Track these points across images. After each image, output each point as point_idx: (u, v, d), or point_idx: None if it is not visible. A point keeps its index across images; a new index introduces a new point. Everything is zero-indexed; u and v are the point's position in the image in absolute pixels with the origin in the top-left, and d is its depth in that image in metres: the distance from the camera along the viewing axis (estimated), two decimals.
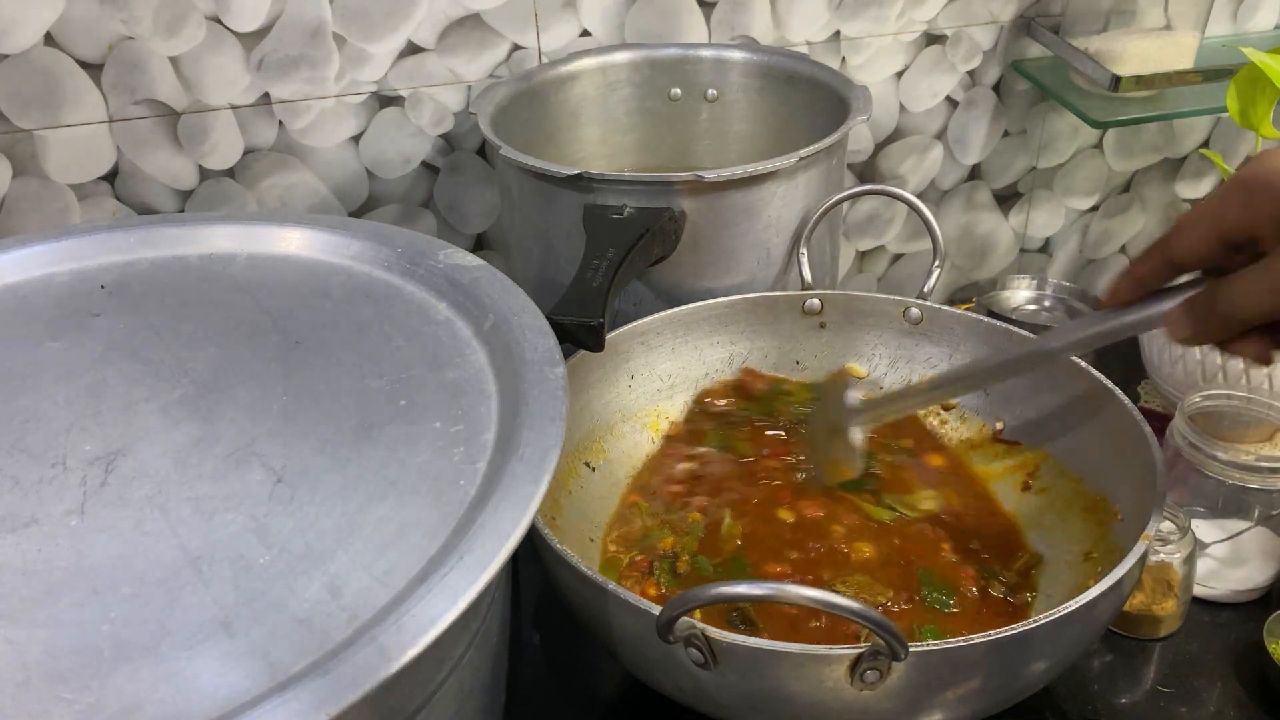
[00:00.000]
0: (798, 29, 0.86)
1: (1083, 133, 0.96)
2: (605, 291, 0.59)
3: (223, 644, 0.36)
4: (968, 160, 0.95)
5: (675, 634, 0.46)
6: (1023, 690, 0.51)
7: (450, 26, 0.79)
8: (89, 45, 0.74)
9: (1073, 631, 0.48)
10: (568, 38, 0.82)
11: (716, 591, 0.44)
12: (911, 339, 0.71)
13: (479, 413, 0.46)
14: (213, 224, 0.59)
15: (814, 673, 0.46)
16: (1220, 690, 0.62)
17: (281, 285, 0.55)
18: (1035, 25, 0.89)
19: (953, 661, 0.46)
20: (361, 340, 0.51)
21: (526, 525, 0.39)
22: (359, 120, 0.81)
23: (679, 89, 0.84)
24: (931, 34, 0.88)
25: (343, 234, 0.58)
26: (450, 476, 0.42)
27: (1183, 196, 1.03)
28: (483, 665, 0.45)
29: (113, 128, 0.77)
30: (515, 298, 0.52)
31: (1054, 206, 1.00)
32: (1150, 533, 0.51)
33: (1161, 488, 0.54)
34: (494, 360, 0.49)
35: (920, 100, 0.91)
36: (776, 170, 0.67)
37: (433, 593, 0.36)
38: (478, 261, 0.55)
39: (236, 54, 0.76)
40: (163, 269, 0.57)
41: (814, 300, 0.71)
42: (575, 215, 0.67)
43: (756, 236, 0.70)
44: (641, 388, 0.70)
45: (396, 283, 0.55)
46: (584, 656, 0.65)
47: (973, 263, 1.01)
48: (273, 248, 0.58)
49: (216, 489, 0.42)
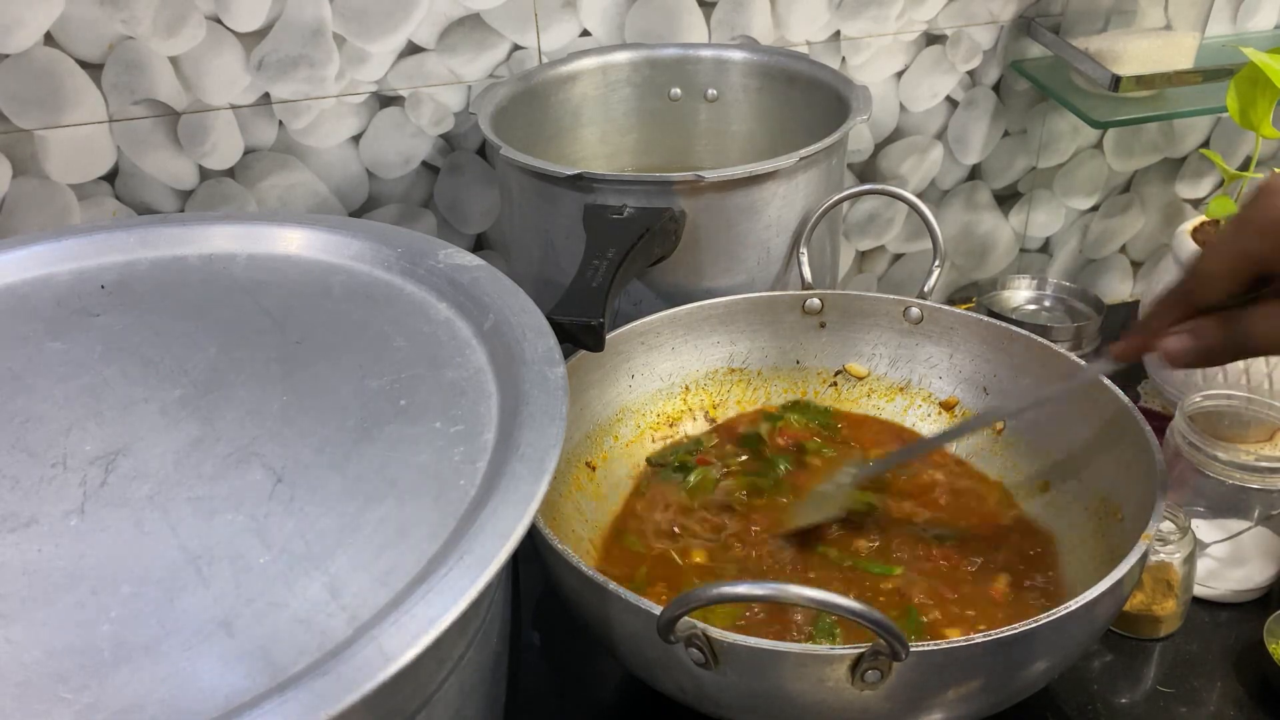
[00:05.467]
0: (798, 29, 0.86)
1: (1083, 133, 0.96)
2: (605, 291, 0.59)
3: (223, 644, 0.36)
4: (968, 160, 0.95)
5: (676, 634, 0.46)
6: (1023, 690, 0.51)
7: (450, 26, 0.79)
8: (89, 45, 0.74)
9: (1073, 631, 0.48)
10: (568, 38, 0.82)
11: (717, 591, 0.44)
12: (912, 339, 0.71)
13: (479, 413, 0.46)
14: (213, 224, 0.59)
15: (815, 672, 0.46)
16: (1220, 690, 0.62)
17: (281, 285, 0.55)
18: (1035, 25, 0.89)
19: (953, 661, 0.46)
20: (361, 340, 0.51)
21: (526, 525, 0.39)
22: (359, 120, 0.81)
23: (679, 89, 0.84)
24: (931, 34, 0.88)
25: (343, 234, 0.58)
26: (450, 476, 0.42)
27: (1183, 196, 1.02)
28: (483, 665, 0.45)
29: (113, 128, 0.77)
30: (515, 298, 0.52)
31: (1054, 206, 1.00)
32: (1150, 533, 0.51)
33: (1161, 488, 0.54)
34: (494, 360, 0.49)
35: (920, 100, 0.91)
36: (776, 170, 0.67)
37: (433, 593, 0.36)
38: (478, 261, 0.55)
39: (236, 54, 0.76)
40: (163, 269, 0.57)
41: (814, 300, 0.71)
42: (575, 215, 0.67)
43: (757, 236, 0.70)
44: (642, 388, 0.70)
45: (397, 283, 0.55)
46: (584, 656, 0.65)
47: (973, 262, 1.01)
48: (273, 248, 0.58)
49: (216, 489, 0.42)
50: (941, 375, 0.71)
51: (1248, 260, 0.44)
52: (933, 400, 0.71)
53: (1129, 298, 1.07)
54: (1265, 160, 0.99)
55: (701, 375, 0.72)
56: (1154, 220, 1.03)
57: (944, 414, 0.71)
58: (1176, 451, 0.68)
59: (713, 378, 0.72)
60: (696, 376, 0.72)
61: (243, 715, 0.32)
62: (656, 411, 0.71)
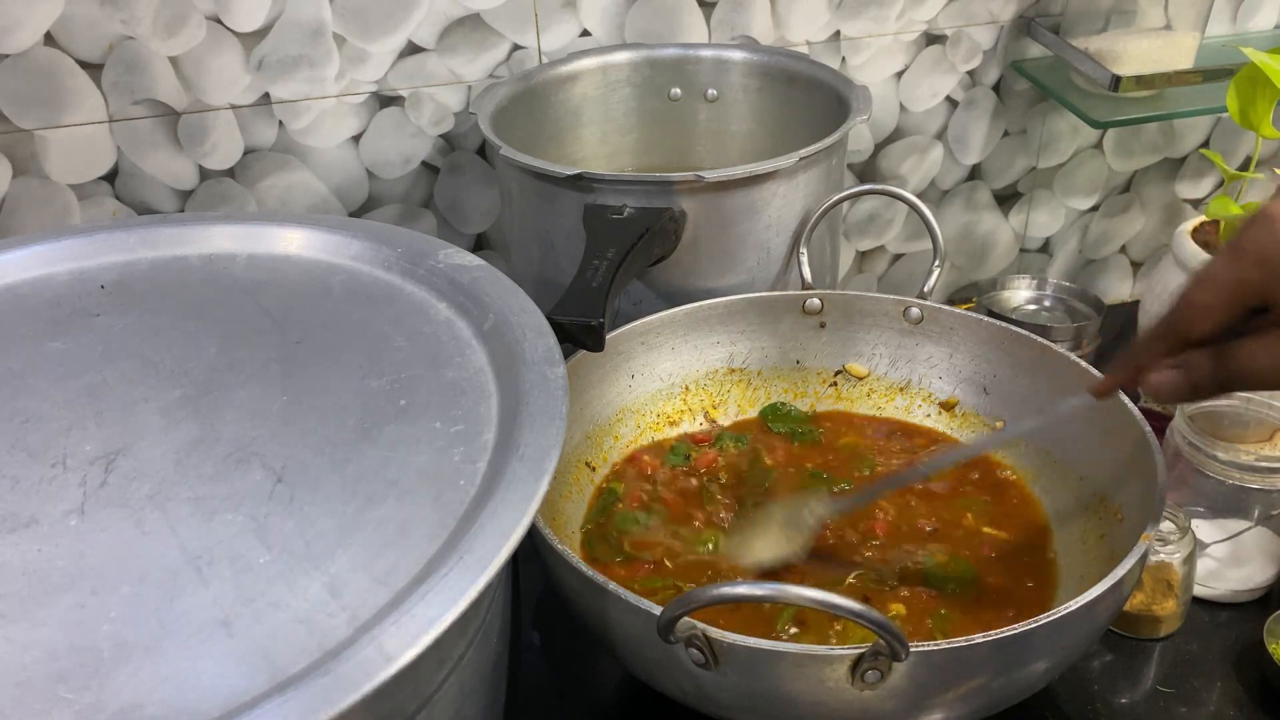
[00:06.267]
0: (798, 29, 0.86)
1: (1083, 133, 0.96)
2: (605, 291, 0.59)
3: (223, 644, 0.36)
4: (968, 160, 0.95)
5: (676, 634, 0.46)
6: (1023, 690, 0.51)
7: (450, 26, 0.79)
8: (89, 45, 0.74)
9: (1073, 631, 0.48)
10: (568, 38, 0.82)
11: (718, 592, 0.44)
12: (912, 339, 0.71)
13: (479, 413, 0.46)
14: (213, 224, 0.59)
15: (815, 673, 0.46)
16: (1220, 690, 0.62)
17: (281, 285, 0.55)
18: (1035, 25, 0.89)
19: (953, 661, 0.46)
20: (361, 340, 0.51)
21: (526, 525, 0.39)
22: (359, 120, 0.81)
23: (679, 89, 0.84)
24: (931, 34, 0.88)
25: (343, 234, 0.58)
26: (450, 476, 0.42)
27: (1183, 197, 1.02)
28: (483, 665, 0.45)
29: (113, 128, 0.77)
30: (515, 298, 0.52)
31: (1054, 206, 1.00)
32: (1150, 533, 0.51)
33: (1161, 488, 0.54)
34: (494, 360, 0.49)
35: (920, 100, 0.91)
36: (776, 170, 0.67)
37: (433, 593, 0.36)
38: (478, 261, 0.55)
39: (236, 54, 0.76)
40: (163, 269, 0.57)
41: (814, 300, 0.71)
42: (575, 215, 0.67)
43: (757, 236, 0.70)
44: (642, 388, 0.70)
45: (397, 283, 0.55)
46: (584, 657, 0.65)
47: (973, 263, 1.01)
48: (273, 248, 0.58)
49: (216, 489, 0.42)
50: (941, 375, 0.71)
51: (1243, 291, 0.42)
52: (933, 400, 0.71)
53: (1129, 298, 1.07)
54: (1265, 160, 0.99)
55: (701, 375, 0.72)
56: (1154, 220, 1.03)
57: (944, 414, 0.71)
58: (1176, 451, 0.68)
59: (713, 378, 0.72)
60: (696, 376, 0.72)
61: (243, 715, 0.32)
62: (656, 411, 0.71)
